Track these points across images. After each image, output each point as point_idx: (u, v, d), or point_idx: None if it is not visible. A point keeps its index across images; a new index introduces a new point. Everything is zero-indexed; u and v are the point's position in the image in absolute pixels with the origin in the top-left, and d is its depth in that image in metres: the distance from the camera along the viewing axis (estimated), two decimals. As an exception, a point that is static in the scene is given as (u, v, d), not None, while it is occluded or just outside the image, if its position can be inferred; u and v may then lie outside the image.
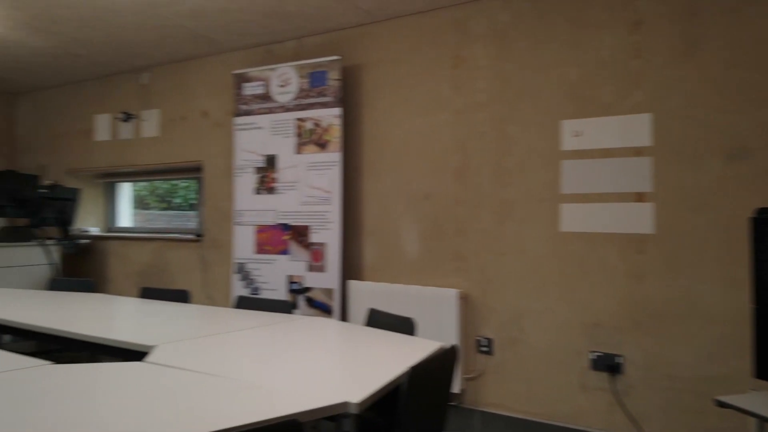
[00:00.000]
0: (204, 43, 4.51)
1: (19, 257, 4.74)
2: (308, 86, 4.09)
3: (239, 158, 4.36)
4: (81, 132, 5.63)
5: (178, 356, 1.85)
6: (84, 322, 2.52)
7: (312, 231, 4.03)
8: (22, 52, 4.81)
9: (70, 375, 1.64)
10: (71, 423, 1.26)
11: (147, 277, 5.10)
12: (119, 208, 5.88)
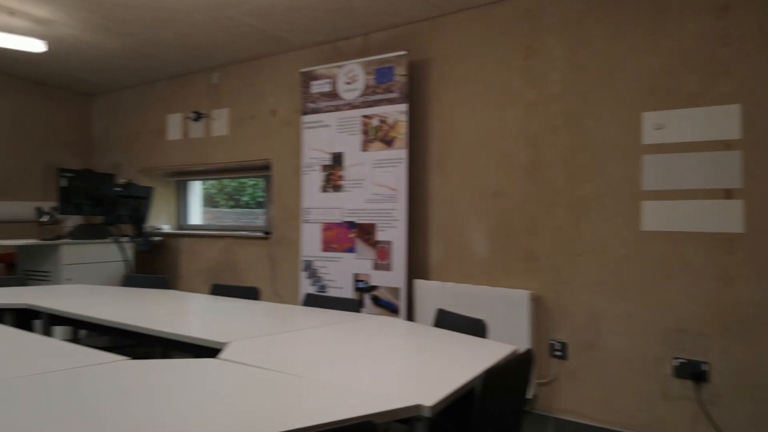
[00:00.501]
0: (272, 42, 4.54)
1: (95, 254, 4.92)
2: (374, 83, 4.05)
3: (306, 156, 4.38)
4: (154, 131, 5.81)
5: (250, 353, 1.84)
6: (157, 318, 2.56)
7: (378, 229, 3.99)
8: (97, 54, 4.99)
9: (147, 370, 1.65)
10: (149, 417, 1.26)
11: (216, 274, 5.20)
12: (190, 206, 6.03)
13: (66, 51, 4.90)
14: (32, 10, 4.05)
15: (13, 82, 5.81)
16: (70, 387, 1.49)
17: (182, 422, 1.23)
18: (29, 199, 5.83)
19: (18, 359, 1.81)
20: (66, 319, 2.83)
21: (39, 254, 4.74)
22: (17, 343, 2.04)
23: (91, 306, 2.86)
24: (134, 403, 1.36)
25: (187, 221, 6.01)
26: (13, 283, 3.65)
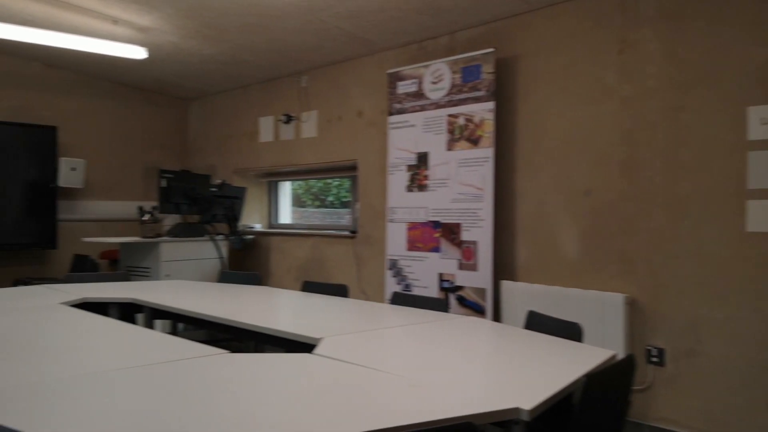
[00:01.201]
0: (359, 44, 4.61)
1: (192, 251, 5.17)
2: (460, 81, 4.03)
3: (392, 156, 4.41)
4: (246, 134, 6.05)
5: (343, 350, 1.88)
6: (252, 313, 2.66)
7: (463, 229, 3.96)
8: (194, 60, 5.25)
9: (247, 364, 1.72)
10: (250, 410, 1.31)
11: (305, 272, 5.34)
12: (280, 205, 6.23)
13: (165, 57, 5.18)
14: (134, 18, 4.31)
15: (116, 88, 6.21)
16: (175, 378, 1.58)
17: (282, 415, 1.27)
18: (131, 199, 6.21)
19: (126, 351, 1.94)
20: (166, 312, 2.99)
21: (140, 251, 5.05)
22: (124, 336, 2.18)
23: (189, 301, 3.01)
24: (236, 395, 1.42)
25: (278, 220, 6.22)
26: (117, 279, 3.90)
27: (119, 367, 1.69)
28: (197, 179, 5.35)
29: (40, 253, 5.63)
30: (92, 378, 1.56)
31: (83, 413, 1.28)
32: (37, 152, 5.41)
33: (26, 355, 1.81)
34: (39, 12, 4.26)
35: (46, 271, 5.65)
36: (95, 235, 5.67)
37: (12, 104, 5.48)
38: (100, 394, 1.43)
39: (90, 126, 5.99)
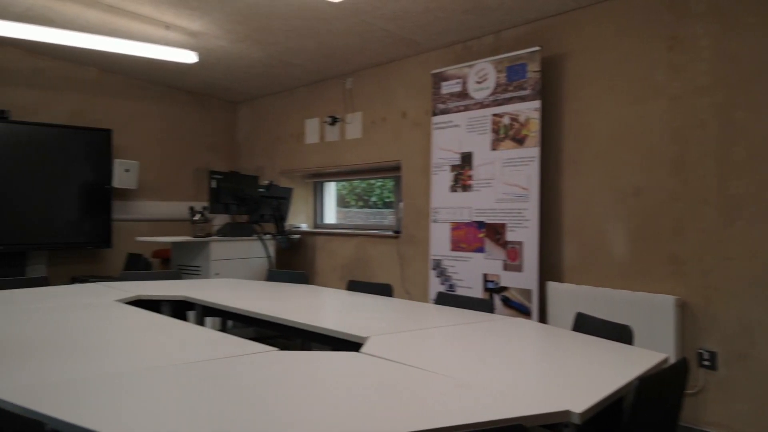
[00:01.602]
0: (404, 45, 4.64)
1: (241, 250, 5.29)
2: (506, 80, 4.00)
3: (436, 156, 4.42)
4: (293, 136, 6.15)
5: (390, 349, 1.90)
6: (299, 311, 2.71)
7: (508, 229, 3.94)
8: (243, 63, 5.37)
9: (296, 361, 1.76)
10: (299, 407, 1.34)
11: (349, 271, 5.40)
12: (325, 205, 6.32)
13: (215, 62, 5.32)
14: (186, 23, 4.44)
15: (168, 92, 6.40)
16: (226, 374, 1.63)
17: (332, 413, 1.30)
18: (182, 200, 6.40)
19: (179, 347, 2.01)
20: (216, 310, 3.08)
21: (191, 250, 5.19)
22: (177, 332, 2.26)
23: (238, 299, 3.09)
24: (286, 392, 1.46)
25: (323, 220, 6.30)
26: (169, 277, 4.02)
27: (174, 363, 1.75)
28: (246, 180, 5.47)
29: (96, 252, 5.86)
30: (149, 373, 1.63)
31: (141, 407, 1.35)
32: (93, 154, 5.63)
33: (86, 351, 1.90)
34: (95, 18, 4.43)
35: (102, 269, 5.88)
36: (148, 234, 5.87)
37: (70, 108, 5.72)
38: (156, 389, 1.49)
39: (143, 129, 6.20)
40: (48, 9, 4.32)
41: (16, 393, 1.41)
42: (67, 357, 1.80)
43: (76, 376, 1.58)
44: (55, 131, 5.40)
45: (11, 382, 1.51)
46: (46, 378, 1.56)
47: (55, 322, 2.39)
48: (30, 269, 5.37)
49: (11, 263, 5.17)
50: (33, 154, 5.26)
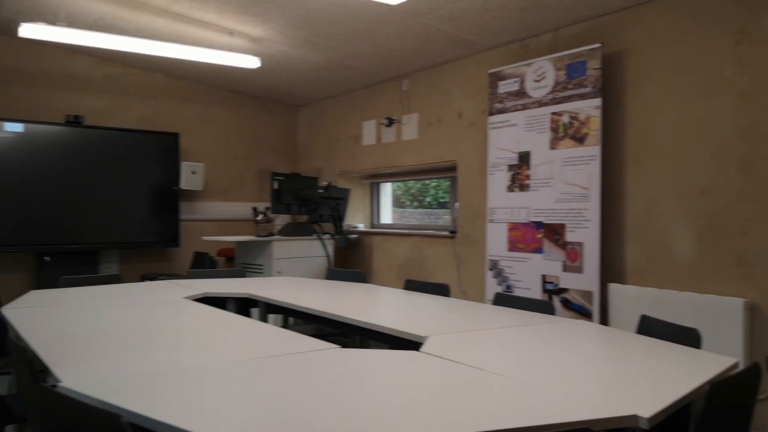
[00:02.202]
0: (460, 46, 4.64)
1: (301, 249, 5.41)
2: (565, 78, 3.95)
3: (492, 156, 4.40)
4: (350, 137, 6.24)
5: (450, 349, 1.92)
6: (358, 309, 2.76)
7: (568, 229, 3.88)
8: (303, 68, 5.48)
9: (358, 359, 1.80)
10: (361, 404, 1.37)
11: (406, 270, 5.44)
12: (381, 206, 6.38)
13: (276, 66, 5.46)
14: (249, 30, 4.58)
15: (232, 96, 6.61)
16: (291, 370, 1.69)
17: (394, 411, 1.33)
18: (245, 200, 6.60)
19: (246, 343, 2.09)
20: (278, 307, 3.17)
21: (254, 249, 5.35)
22: (244, 329, 2.35)
23: (300, 297, 3.17)
24: (348, 389, 1.50)
25: (379, 220, 6.36)
26: (234, 275, 4.16)
27: (243, 358, 1.83)
28: (306, 181, 5.59)
29: (164, 251, 6.11)
30: (219, 368, 1.71)
31: (212, 401, 1.41)
32: (162, 157, 5.88)
33: (159, 345, 2.01)
34: (163, 26, 4.63)
35: (170, 267, 6.13)
36: (213, 234, 6.09)
37: (140, 113, 5.99)
38: (227, 383, 1.56)
39: (208, 132, 6.42)
40: (118, 18, 4.54)
41: (94, 385, 1.49)
42: (142, 351, 1.90)
43: (151, 370, 1.68)
44: (126, 135, 5.68)
45: (90, 375, 1.61)
46: (122, 371, 1.65)
47: (129, 317, 2.53)
48: (103, 267, 5.66)
49: (85, 261, 5.46)
50: (105, 157, 5.54)
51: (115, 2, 4.24)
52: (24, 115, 5.29)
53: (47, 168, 5.24)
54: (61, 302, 2.90)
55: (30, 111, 5.37)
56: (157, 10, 4.33)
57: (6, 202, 5.04)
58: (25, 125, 5.15)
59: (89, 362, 1.75)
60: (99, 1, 4.24)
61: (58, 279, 3.55)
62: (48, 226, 5.24)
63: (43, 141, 5.23)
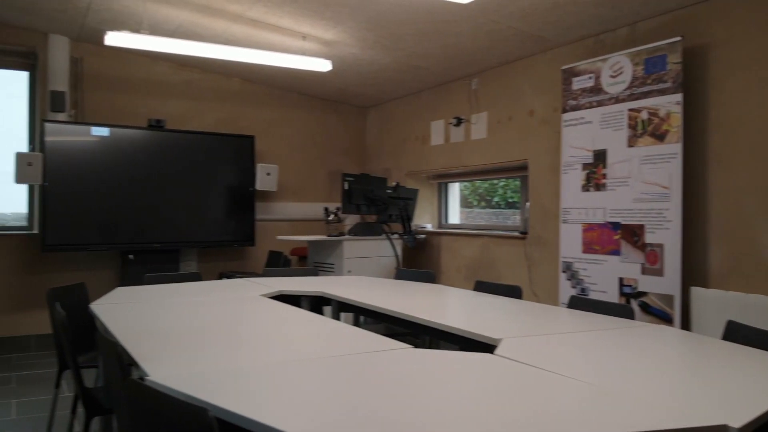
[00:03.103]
0: (532, 42, 4.56)
1: (370, 249, 5.46)
2: (643, 73, 3.81)
3: (566, 155, 4.29)
4: (418, 138, 6.25)
5: (526, 352, 1.89)
6: (429, 309, 2.76)
7: (647, 230, 3.74)
8: (372, 69, 5.53)
9: (430, 360, 1.81)
10: (434, 405, 1.37)
11: (474, 271, 5.40)
12: (449, 206, 6.35)
13: (347, 68, 5.54)
14: (321, 33, 4.67)
15: (303, 99, 6.76)
16: (367, 369, 1.71)
17: (470, 414, 1.32)
18: (316, 201, 6.74)
19: (322, 341, 2.13)
20: (349, 305, 3.21)
21: (326, 248, 5.45)
22: (319, 327, 2.40)
23: (371, 296, 3.20)
24: (422, 389, 1.50)
25: (447, 220, 6.34)
26: (307, 274, 4.25)
27: (321, 356, 1.87)
28: (375, 182, 5.64)
29: (240, 250, 6.33)
30: (299, 365, 1.76)
31: (293, 397, 1.45)
32: (238, 159, 6.09)
33: (240, 341, 2.08)
34: (239, 32, 4.79)
35: (246, 265, 6.33)
36: (286, 233, 6.25)
37: (218, 117, 6.22)
38: (307, 380, 1.60)
39: (281, 134, 6.60)
40: (197, 25, 4.73)
41: (180, 380, 1.56)
42: (225, 347, 1.98)
43: (234, 365, 1.74)
44: (204, 138, 5.91)
45: (175, 370, 1.68)
46: (207, 366, 1.72)
47: (211, 314, 2.63)
48: (183, 265, 5.92)
49: (166, 260, 5.73)
50: (185, 159, 5.79)
51: (194, 9, 4.43)
52: (110, 119, 5.61)
53: (131, 170, 5.53)
54: (145, 299, 3.05)
55: (115, 116, 5.68)
56: (233, 16, 4.49)
57: (93, 204, 5.35)
58: (111, 129, 5.46)
59: (175, 357, 1.83)
60: (179, 9, 4.44)
61: (141, 276, 3.73)
62: (131, 225, 5.53)
63: (127, 144, 5.52)
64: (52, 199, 5.15)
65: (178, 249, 5.83)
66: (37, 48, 5.34)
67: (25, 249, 5.35)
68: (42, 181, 5.09)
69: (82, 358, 2.91)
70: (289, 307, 2.87)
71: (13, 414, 3.72)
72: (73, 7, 4.64)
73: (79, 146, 5.31)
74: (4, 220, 5.54)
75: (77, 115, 5.51)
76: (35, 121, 5.49)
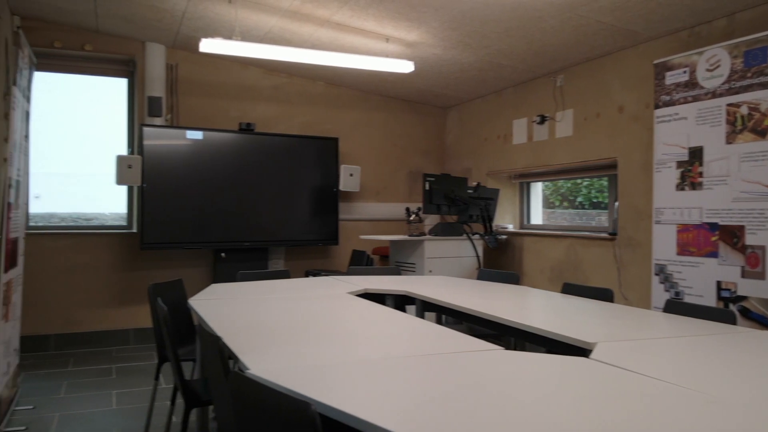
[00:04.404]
0: (621, 36, 4.41)
1: (451, 249, 5.45)
2: (742, 67, 3.60)
3: (659, 152, 4.12)
4: (500, 137, 6.17)
5: (624, 357, 1.84)
6: (515, 311, 2.73)
7: (747, 231, 3.54)
8: (454, 69, 5.52)
9: (524, 362, 1.79)
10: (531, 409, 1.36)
11: (559, 273, 5.28)
12: (532, 206, 6.24)
13: (428, 69, 5.56)
14: (404, 35, 4.71)
15: (385, 101, 6.84)
16: (460, 369, 1.71)
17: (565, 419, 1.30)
18: (397, 201, 6.81)
19: (413, 340, 2.16)
20: (432, 305, 3.23)
21: (407, 248, 5.49)
22: (407, 325, 2.43)
23: (455, 296, 3.20)
24: (518, 392, 1.49)
25: (529, 221, 6.23)
26: (389, 273, 4.30)
27: (413, 354, 1.90)
28: (456, 182, 5.63)
29: (325, 248, 6.49)
30: (393, 362, 1.79)
31: (389, 394, 1.48)
32: (322, 161, 6.24)
33: (334, 338, 2.14)
34: (325, 36, 4.91)
35: (330, 264, 6.49)
36: (368, 233, 6.36)
37: (304, 120, 6.41)
38: (402, 378, 1.63)
39: (363, 136, 6.71)
40: (285, 30, 4.89)
41: (279, 374, 1.62)
42: (319, 343, 2.04)
43: (330, 361, 1.79)
44: (291, 141, 6.10)
45: (273, 364, 1.75)
46: (303, 361, 1.78)
47: (302, 310, 2.72)
48: (271, 263, 6.14)
49: (255, 258, 5.95)
50: (272, 161, 6.00)
51: (283, 15, 4.58)
52: (202, 123, 5.89)
53: (222, 172, 5.79)
54: (239, 295, 3.19)
55: (207, 119, 5.96)
56: (320, 21, 4.61)
57: (187, 204, 5.64)
58: (204, 133, 5.73)
59: (272, 351, 1.91)
60: (270, 15, 4.60)
61: (232, 273, 3.90)
62: (222, 224, 5.79)
63: (219, 147, 5.78)
64: (149, 200, 5.47)
65: (266, 247, 6.04)
66: (136, 56, 5.69)
67: (124, 247, 5.71)
68: (141, 183, 5.40)
69: (180, 352, 3.08)
70: (378, 305, 2.92)
71: (114, 404, 3.98)
72: (169, 16, 4.91)
73: (175, 149, 5.60)
74: (104, 219, 5.94)
75: (172, 119, 5.83)
76: (134, 125, 5.84)
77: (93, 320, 5.58)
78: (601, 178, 5.37)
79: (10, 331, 3.65)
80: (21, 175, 3.82)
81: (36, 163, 5.09)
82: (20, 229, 3.95)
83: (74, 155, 5.73)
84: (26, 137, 4.06)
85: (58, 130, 5.67)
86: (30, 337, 5.21)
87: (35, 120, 4.65)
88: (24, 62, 3.75)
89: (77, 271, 5.52)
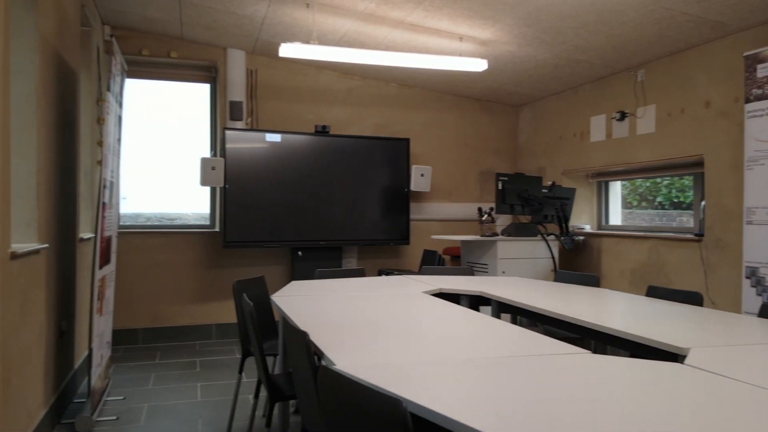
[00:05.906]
0: (708, 28, 4.20)
1: (525, 250, 5.35)
2: None
3: (750, 149, 3.90)
4: (576, 135, 6.02)
5: (722, 364, 1.75)
6: (597, 314, 2.65)
7: None
8: (528, 66, 5.43)
9: (614, 366, 1.74)
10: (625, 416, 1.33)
11: (641, 275, 5.09)
12: (610, 206, 6.04)
13: (502, 67, 5.49)
14: (478, 33, 4.67)
15: (457, 100, 6.80)
16: (547, 372, 1.68)
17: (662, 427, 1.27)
18: (468, 201, 6.76)
19: (496, 341, 2.14)
20: (507, 306, 3.18)
21: (479, 248, 5.44)
22: (489, 327, 2.40)
23: (532, 297, 3.14)
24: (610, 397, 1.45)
25: (608, 221, 6.04)
26: (462, 273, 4.28)
27: (499, 355, 1.88)
28: (530, 181, 5.52)
29: (396, 248, 6.53)
30: (479, 363, 1.78)
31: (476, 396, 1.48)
32: (394, 161, 6.29)
33: (414, 336, 2.15)
34: (399, 37, 4.94)
35: (401, 263, 6.52)
36: (439, 233, 6.35)
37: (376, 121, 6.47)
38: (489, 379, 1.62)
39: (435, 136, 6.71)
40: (360, 33, 4.95)
41: (366, 370, 1.64)
42: (401, 340, 2.06)
43: (416, 359, 1.81)
44: (364, 142, 6.18)
45: (357, 360, 1.77)
46: (388, 359, 1.80)
47: (380, 308, 2.75)
48: (345, 261, 6.24)
49: (330, 256, 6.07)
50: (346, 162, 6.10)
51: (359, 18, 4.64)
52: (280, 126, 6.06)
53: (299, 173, 5.93)
54: (318, 292, 3.26)
55: (285, 123, 6.12)
56: (394, 22, 4.64)
57: (266, 204, 5.81)
58: (282, 135, 5.88)
59: (355, 348, 1.94)
60: (345, 18, 4.67)
61: (309, 271, 3.99)
62: (299, 224, 5.93)
63: (296, 149, 5.93)
64: (231, 200, 5.67)
65: (340, 246, 6.15)
66: (218, 62, 5.91)
67: (207, 245, 5.95)
68: (224, 184, 5.61)
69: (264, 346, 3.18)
70: (454, 305, 2.91)
71: (198, 396, 4.15)
72: (249, 23, 5.07)
73: (255, 151, 5.79)
74: (186, 219, 6.20)
75: (252, 122, 6.02)
76: (216, 128, 6.08)
77: (178, 315, 5.84)
78: (684, 177, 5.14)
79: (103, 325, 3.88)
80: (114, 176, 4.04)
81: (124, 165, 5.38)
82: (113, 228, 4.19)
83: (159, 158, 6.02)
84: (119, 140, 4.29)
85: (144, 133, 5.97)
86: (120, 331, 5.51)
87: (125, 124, 4.91)
88: (117, 69, 3.97)
89: (163, 269, 5.79)
